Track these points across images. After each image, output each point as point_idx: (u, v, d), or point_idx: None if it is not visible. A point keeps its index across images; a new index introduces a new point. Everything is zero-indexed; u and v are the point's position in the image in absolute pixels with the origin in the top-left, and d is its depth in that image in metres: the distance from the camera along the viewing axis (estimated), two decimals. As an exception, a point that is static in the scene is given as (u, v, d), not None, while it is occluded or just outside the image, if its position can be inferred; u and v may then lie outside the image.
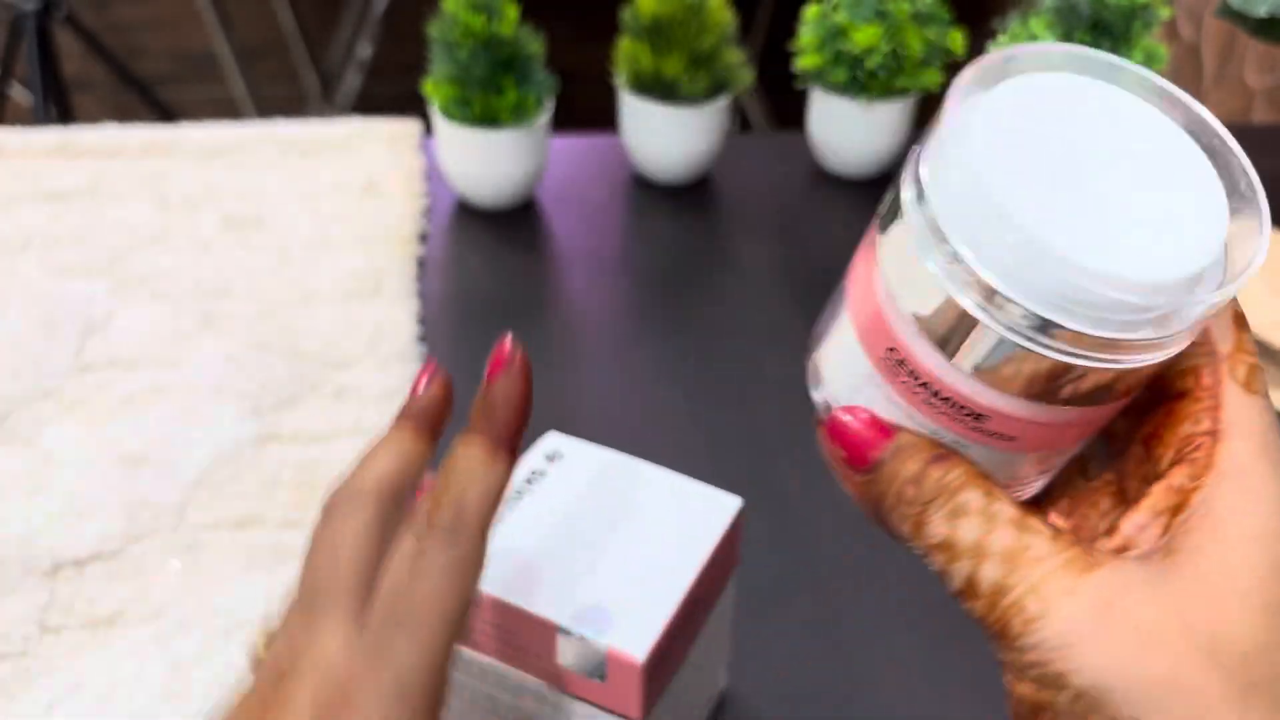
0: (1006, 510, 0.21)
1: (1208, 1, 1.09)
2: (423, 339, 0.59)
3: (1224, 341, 0.22)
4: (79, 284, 0.61)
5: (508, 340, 0.29)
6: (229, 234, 0.66)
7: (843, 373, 0.24)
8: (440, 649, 0.24)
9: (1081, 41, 0.71)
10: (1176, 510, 0.20)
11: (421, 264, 0.66)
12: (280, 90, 1.95)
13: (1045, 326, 0.19)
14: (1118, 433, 0.24)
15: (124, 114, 0.92)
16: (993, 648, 0.21)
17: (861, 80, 0.71)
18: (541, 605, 0.31)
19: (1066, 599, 0.19)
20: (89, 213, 0.67)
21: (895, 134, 0.73)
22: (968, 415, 0.21)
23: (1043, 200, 0.19)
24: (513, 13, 0.64)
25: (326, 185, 0.70)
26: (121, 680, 0.42)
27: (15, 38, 1.41)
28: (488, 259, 0.67)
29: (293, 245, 0.65)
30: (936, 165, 0.20)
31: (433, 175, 0.73)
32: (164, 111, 1.60)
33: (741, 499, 0.36)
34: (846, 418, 0.23)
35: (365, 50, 1.69)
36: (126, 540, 0.47)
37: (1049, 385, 0.20)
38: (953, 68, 0.74)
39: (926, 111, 0.86)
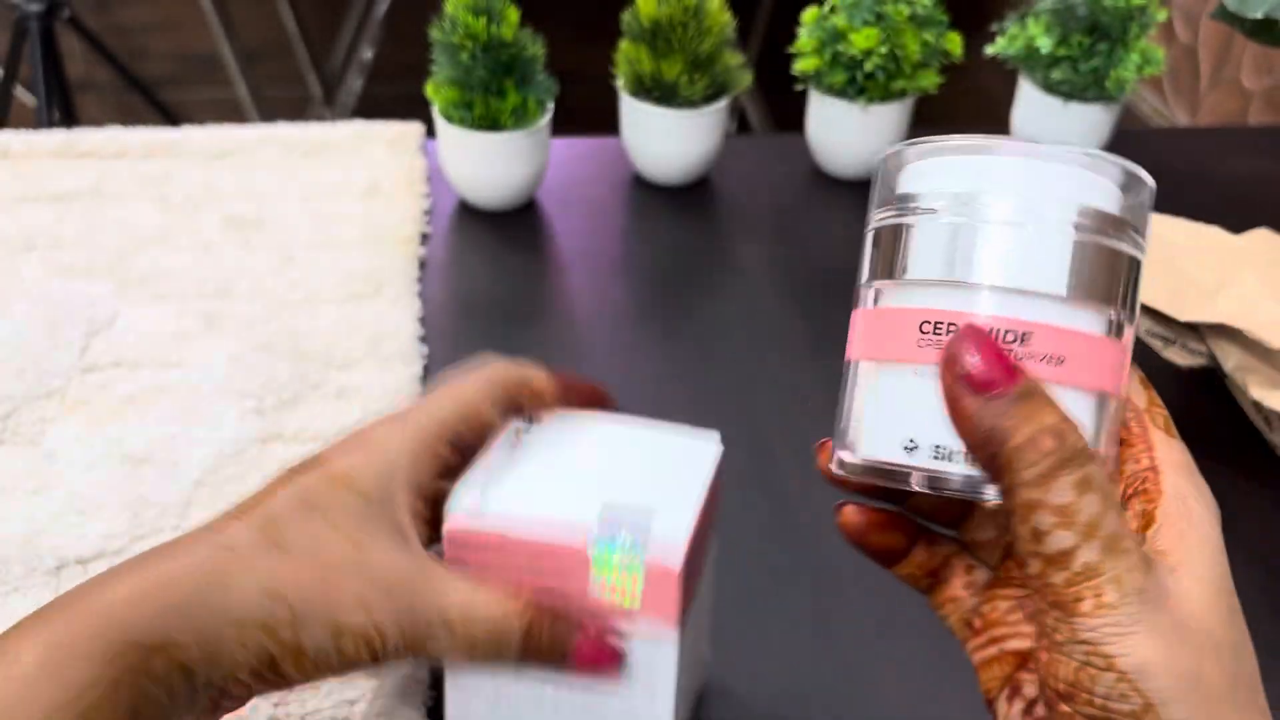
0: (1116, 493, 0.23)
1: (1204, 3, 1.10)
2: (424, 339, 0.60)
3: (1140, 400, 0.26)
4: (82, 284, 0.61)
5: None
6: (231, 235, 0.66)
7: (885, 410, 0.26)
8: (445, 418, 0.32)
9: (1079, 45, 0.71)
10: (1146, 526, 0.24)
11: (423, 265, 0.66)
12: (282, 92, 1.95)
13: (1075, 211, 0.24)
14: None
15: (127, 115, 0.93)
16: (1043, 617, 0.23)
17: (859, 83, 0.71)
18: (566, 536, 0.32)
19: (1136, 595, 0.22)
20: (92, 214, 0.67)
21: (893, 136, 0.73)
22: (1013, 341, 0.24)
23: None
24: (514, 15, 0.64)
25: (328, 187, 0.71)
26: (125, 677, 0.42)
27: (19, 39, 1.41)
28: (489, 260, 0.67)
29: (295, 246, 0.65)
30: (940, 173, 0.26)
31: (434, 177, 0.73)
32: (167, 113, 1.61)
33: (719, 433, 0.37)
34: (975, 335, 0.23)
35: (367, 53, 1.70)
36: (130, 539, 0.47)
37: (1082, 270, 0.24)
38: (950, 70, 0.74)
39: (924, 113, 0.87)
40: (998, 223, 0.24)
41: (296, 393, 0.55)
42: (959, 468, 0.25)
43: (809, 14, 0.72)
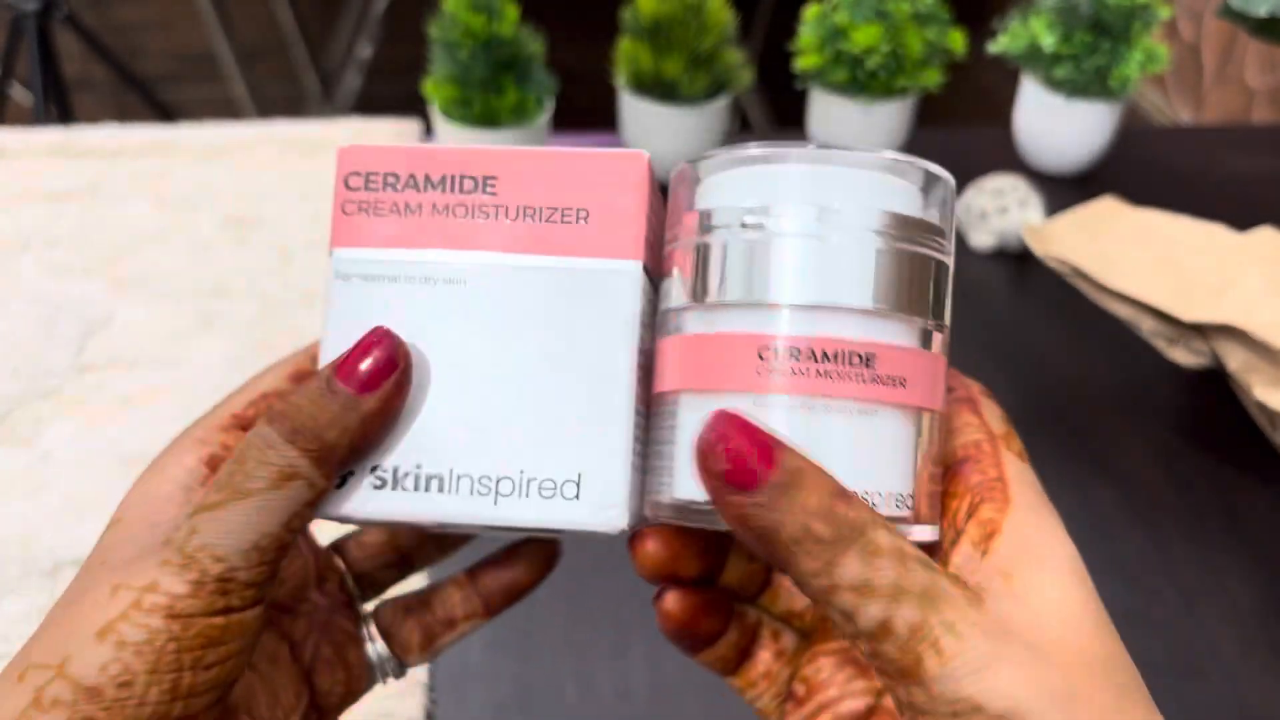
0: (909, 547, 0.21)
1: (1208, 1, 1.09)
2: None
3: (998, 426, 0.25)
4: (79, 284, 0.61)
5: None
6: (228, 233, 0.66)
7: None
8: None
9: (1082, 42, 0.71)
10: (989, 537, 0.22)
11: (421, 264, 0.66)
12: (280, 90, 1.95)
13: (897, 223, 0.24)
14: None
15: (124, 114, 0.93)
16: (893, 690, 0.21)
17: (861, 80, 0.71)
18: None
19: (977, 633, 0.20)
20: (89, 213, 0.67)
21: (894, 133, 0.73)
22: (859, 361, 0.23)
23: None
24: (513, 12, 0.64)
25: (326, 185, 0.70)
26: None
27: (15, 37, 1.41)
28: (488, 259, 0.67)
29: (292, 245, 0.65)
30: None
31: (433, 175, 0.73)
32: (164, 111, 1.60)
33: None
34: (725, 426, 0.21)
35: (365, 50, 1.69)
36: (126, 540, 0.47)
37: (910, 285, 0.23)
38: (952, 68, 0.74)
39: (926, 111, 0.87)
40: (795, 235, 0.23)
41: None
42: None
43: (811, 11, 0.71)
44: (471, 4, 0.63)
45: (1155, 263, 0.60)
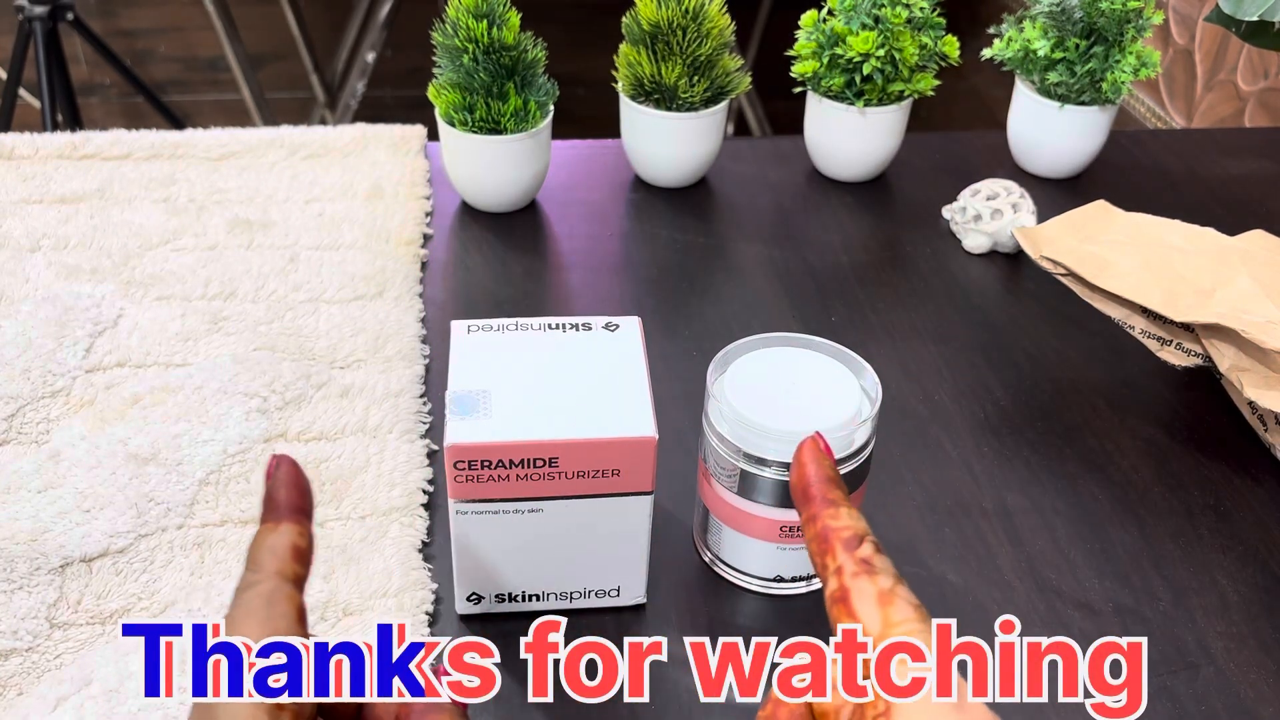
0: None
1: (1200, 6, 1.10)
2: (426, 340, 0.60)
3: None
4: (88, 285, 0.62)
5: (272, 459, 0.32)
6: (236, 236, 0.67)
7: None
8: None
9: (1075, 47, 0.72)
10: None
11: (425, 266, 0.67)
12: (287, 95, 1.96)
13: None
14: None
15: (132, 118, 0.94)
16: None
17: (858, 85, 0.71)
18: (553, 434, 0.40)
19: None
20: (98, 215, 0.68)
21: (891, 138, 0.74)
22: None
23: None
24: (515, 19, 0.65)
25: (332, 189, 0.71)
26: (129, 675, 0.42)
27: (24, 42, 1.42)
28: (490, 261, 0.68)
29: (299, 247, 0.66)
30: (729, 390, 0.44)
31: (436, 179, 0.74)
32: (172, 116, 1.61)
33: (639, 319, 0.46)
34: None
35: (369, 56, 1.70)
36: (135, 538, 0.48)
37: None
38: (947, 73, 0.75)
39: (921, 116, 0.87)
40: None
41: (301, 392, 0.55)
42: None
43: (807, 17, 0.72)
44: (474, 10, 0.64)
45: (1146, 264, 0.61)
